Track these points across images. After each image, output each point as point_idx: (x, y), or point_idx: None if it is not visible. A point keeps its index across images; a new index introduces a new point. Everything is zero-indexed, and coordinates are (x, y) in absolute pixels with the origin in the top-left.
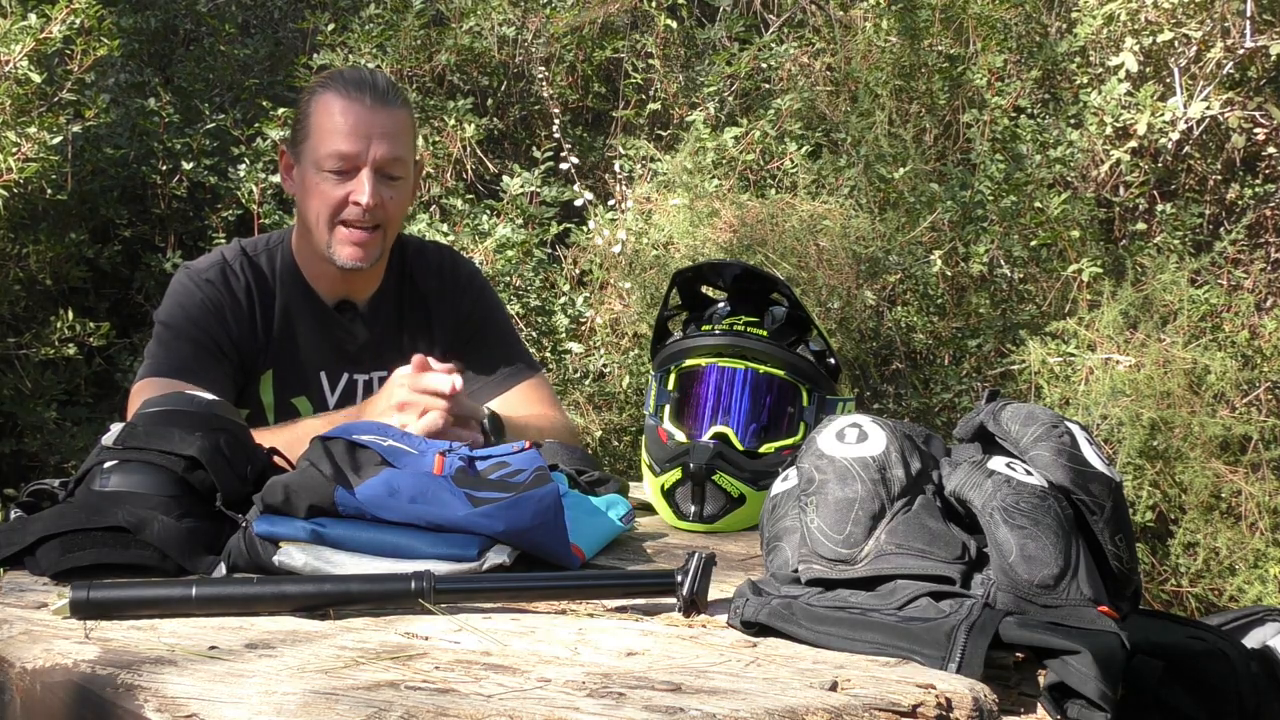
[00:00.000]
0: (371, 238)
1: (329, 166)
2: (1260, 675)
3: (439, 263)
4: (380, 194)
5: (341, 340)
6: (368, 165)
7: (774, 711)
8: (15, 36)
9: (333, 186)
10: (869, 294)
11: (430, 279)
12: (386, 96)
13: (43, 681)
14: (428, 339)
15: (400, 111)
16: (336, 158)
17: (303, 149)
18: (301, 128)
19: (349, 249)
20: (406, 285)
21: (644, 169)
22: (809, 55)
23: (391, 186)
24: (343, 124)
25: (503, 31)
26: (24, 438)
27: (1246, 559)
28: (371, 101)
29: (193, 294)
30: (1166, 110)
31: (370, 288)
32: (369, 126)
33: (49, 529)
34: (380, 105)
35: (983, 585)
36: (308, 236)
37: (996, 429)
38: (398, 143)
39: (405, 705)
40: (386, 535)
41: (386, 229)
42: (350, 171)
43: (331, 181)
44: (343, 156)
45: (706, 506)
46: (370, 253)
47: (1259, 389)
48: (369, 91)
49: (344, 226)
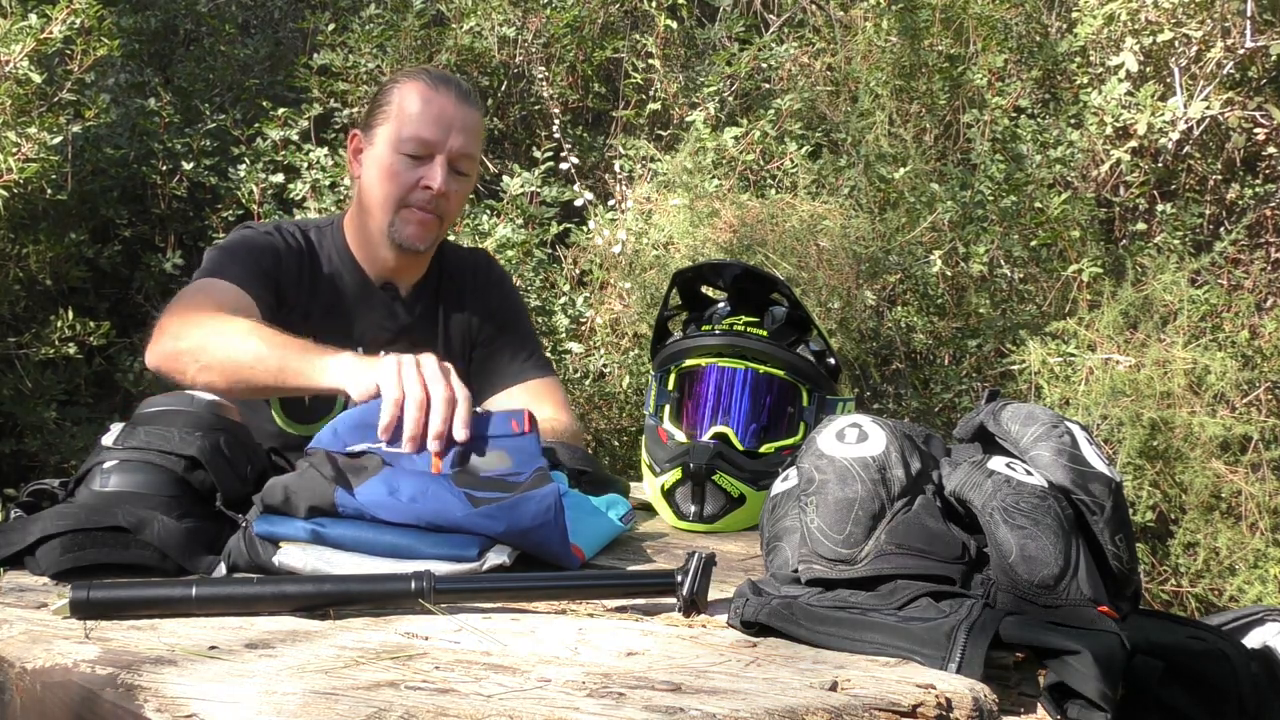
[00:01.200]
0: (433, 220)
1: (408, 150)
2: (1260, 675)
3: (474, 262)
4: (449, 185)
5: (382, 319)
6: (444, 153)
7: (774, 711)
8: (15, 36)
9: (407, 169)
10: (869, 294)
11: (466, 275)
12: (469, 96)
13: (43, 681)
14: (461, 330)
15: (478, 113)
16: (417, 142)
17: (378, 131)
18: (381, 112)
19: (411, 228)
20: (445, 279)
21: (644, 169)
22: (809, 55)
23: (458, 180)
24: (427, 112)
25: (503, 32)
26: (24, 438)
27: (1246, 559)
28: (456, 97)
29: (252, 234)
30: (1167, 110)
31: (415, 276)
32: (451, 119)
33: (49, 529)
34: (463, 102)
35: (983, 585)
36: (364, 217)
37: (996, 429)
38: (472, 140)
39: (405, 705)
40: (386, 535)
41: (444, 219)
42: (426, 158)
43: (407, 164)
44: (423, 142)
45: (706, 506)
46: (429, 236)
47: (1259, 389)
48: (455, 88)
49: (409, 209)
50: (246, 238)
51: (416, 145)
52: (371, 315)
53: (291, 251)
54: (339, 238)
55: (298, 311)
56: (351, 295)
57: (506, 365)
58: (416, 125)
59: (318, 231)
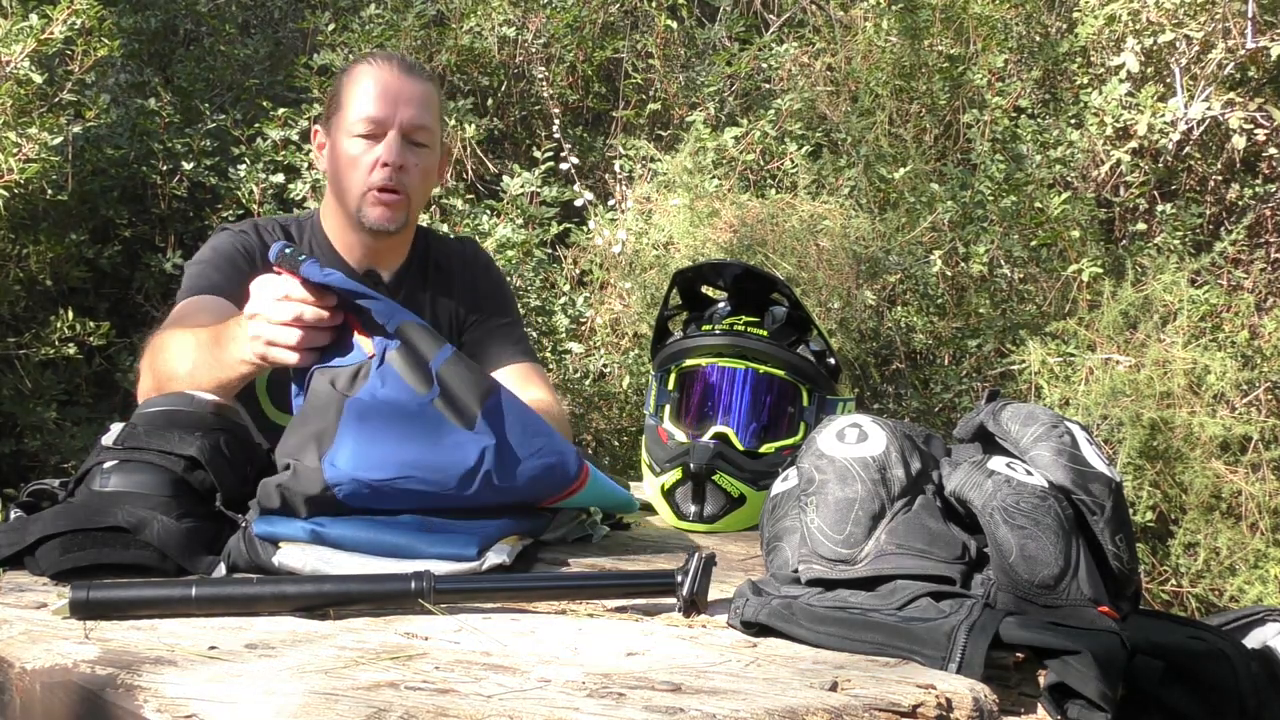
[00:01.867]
0: (398, 200)
1: (359, 131)
2: (1260, 675)
3: (460, 247)
4: (406, 158)
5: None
6: (395, 128)
7: (774, 711)
8: (16, 37)
9: (363, 151)
10: (869, 294)
11: (453, 259)
12: (414, 69)
13: (43, 681)
14: (448, 312)
15: (427, 84)
16: (366, 121)
17: (335, 122)
18: (333, 102)
19: (378, 210)
20: (430, 263)
21: (644, 169)
22: (809, 55)
23: (417, 154)
24: (372, 90)
25: (503, 32)
26: (24, 438)
27: (1246, 559)
28: (400, 70)
29: (227, 239)
30: (1167, 111)
31: (396, 260)
32: (396, 92)
33: (49, 529)
34: (408, 74)
35: (983, 585)
36: (337, 207)
37: (996, 429)
38: (423, 110)
39: (405, 705)
40: (386, 535)
41: (411, 196)
42: (379, 135)
43: (362, 146)
44: (372, 120)
45: (706, 506)
46: (397, 215)
47: (1259, 389)
48: (397, 63)
49: (372, 191)
50: (220, 245)
51: (367, 125)
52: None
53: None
54: (317, 230)
55: None
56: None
57: (495, 349)
58: (363, 106)
59: (297, 226)
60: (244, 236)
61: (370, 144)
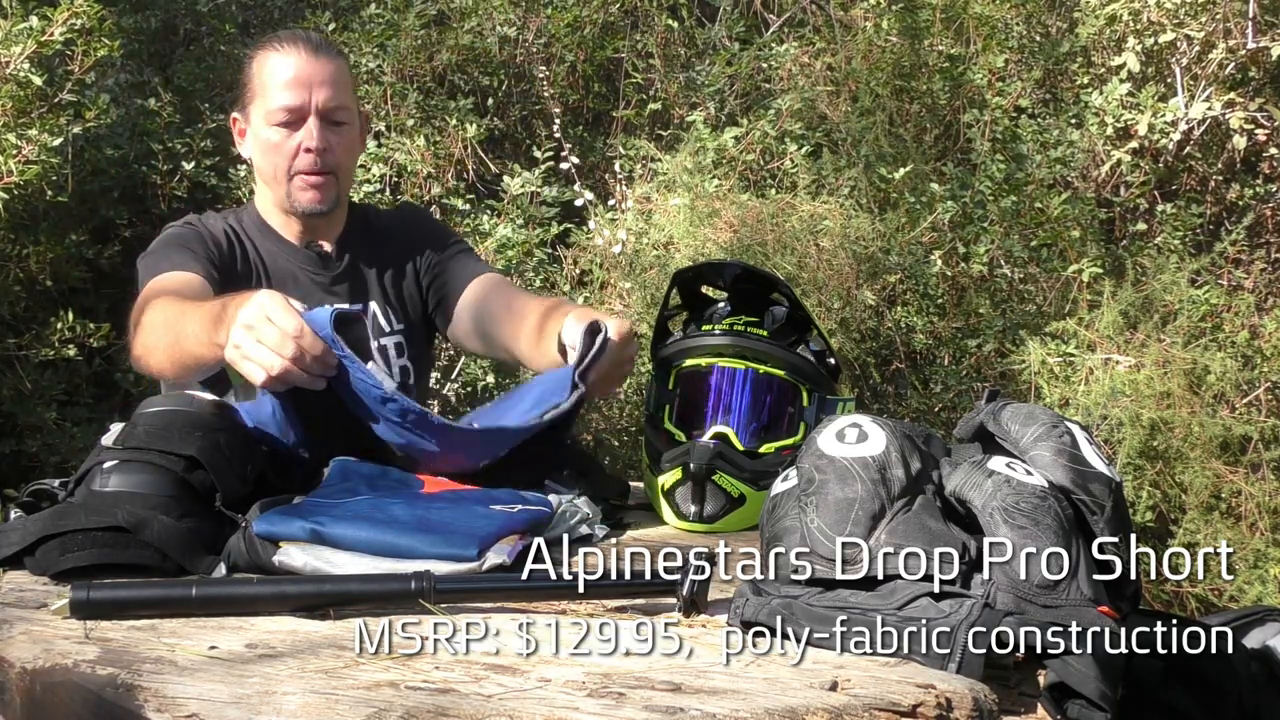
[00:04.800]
0: (326, 181)
1: (277, 120)
2: (1260, 675)
3: (400, 214)
4: (328, 139)
5: (314, 274)
6: (313, 113)
7: (774, 711)
8: (16, 38)
9: (284, 139)
10: (869, 294)
11: (387, 218)
12: (323, 47)
13: (43, 681)
14: (396, 275)
15: (337, 60)
16: (283, 110)
17: (251, 110)
18: (247, 90)
19: (308, 194)
20: (370, 230)
21: (644, 169)
22: (809, 55)
23: (337, 132)
24: (285, 77)
25: (503, 31)
26: (24, 438)
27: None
28: (308, 53)
29: (174, 229)
30: (1168, 111)
31: (334, 232)
32: (309, 76)
33: (49, 529)
34: (317, 55)
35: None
36: (267, 193)
37: (996, 429)
38: (338, 89)
39: (405, 705)
40: (386, 535)
41: (339, 174)
42: (297, 122)
43: (282, 134)
44: (289, 109)
45: (706, 506)
46: (327, 196)
47: (1259, 389)
48: (304, 45)
49: (299, 176)
50: (170, 234)
51: (284, 113)
52: (305, 273)
53: (219, 230)
54: (255, 216)
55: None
56: (282, 262)
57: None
58: (279, 95)
59: (235, 215)
60: (189, 225)
61: (290, 131)
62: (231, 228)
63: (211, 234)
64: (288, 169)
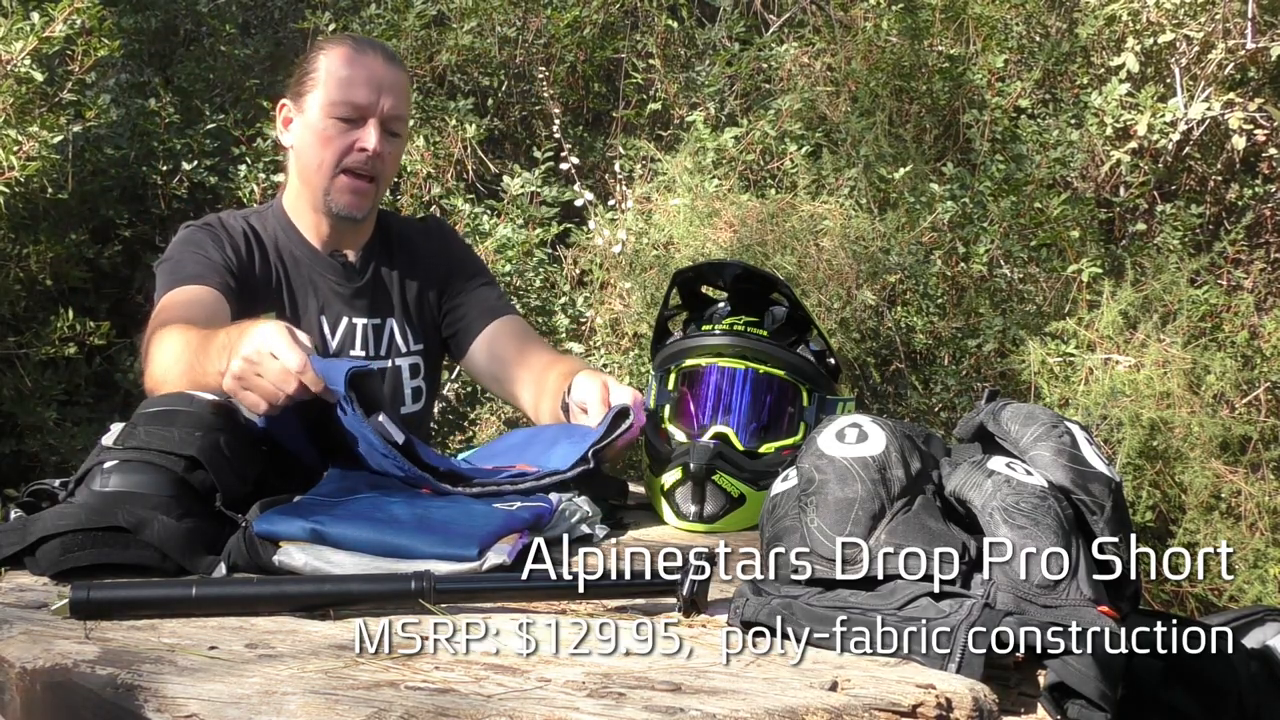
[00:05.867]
0: (369, 188)
1: (340, 114)
2: (1260, 675)
3: (425, 226)
4: (383, 146)
5: (336, 284)
6: (376, 116)
7: (774, 711)
8: (17, 36)
9: (341, 134)
10: (869, 294)
11: (414, 233)
12: (395, 58)
13: (43, 681)
14: (419, 291)
15: (405, 75)
16: (349, 106)
17: (308, 99)
18: (309, 79)
19: (347, 197)
20: (394, 240)
21: (644, 169)
22: (809, 55)
23: (391, 142)
24: (357, 75)
25: (503, 32)
26: (24, 438)
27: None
28: (383, 59)
29: (193, 231)
30: (1167, 111)
31: (359, 241)
32: (380, 80)
33: (49, 529)
34: (390, 64)
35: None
36: (302, 188)
37: (996, 429)
38: (402, 101)
39: (405, 705)
40: (386, 535)
41: (380, 183)
42: (359, 121)
43: (340, 129)
44: (355, 106)
45: (706, 506)
46: (365, 203)
47: (1259, 389)
48: (381, 50)
49: (345, 175)
50: (188, 238)
51: (349, 109)
52: (326, 282)
53: (235, 239)
54: (280, 215)
55: (259, 288)
56: (304, 269)
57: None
58: (347, 89)
59: (258, 215)
60: (208, 227)
61: (348, 127)
62: (252, 228)
63: (230, 237)
64: (335, 163)
